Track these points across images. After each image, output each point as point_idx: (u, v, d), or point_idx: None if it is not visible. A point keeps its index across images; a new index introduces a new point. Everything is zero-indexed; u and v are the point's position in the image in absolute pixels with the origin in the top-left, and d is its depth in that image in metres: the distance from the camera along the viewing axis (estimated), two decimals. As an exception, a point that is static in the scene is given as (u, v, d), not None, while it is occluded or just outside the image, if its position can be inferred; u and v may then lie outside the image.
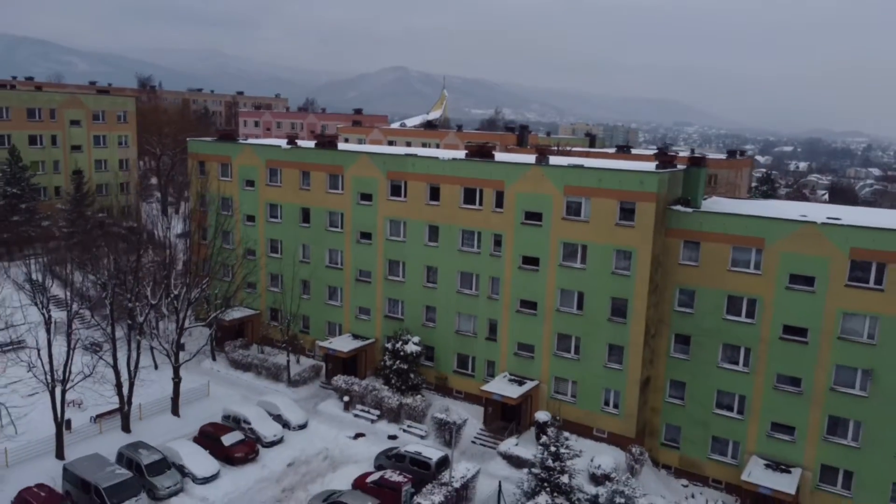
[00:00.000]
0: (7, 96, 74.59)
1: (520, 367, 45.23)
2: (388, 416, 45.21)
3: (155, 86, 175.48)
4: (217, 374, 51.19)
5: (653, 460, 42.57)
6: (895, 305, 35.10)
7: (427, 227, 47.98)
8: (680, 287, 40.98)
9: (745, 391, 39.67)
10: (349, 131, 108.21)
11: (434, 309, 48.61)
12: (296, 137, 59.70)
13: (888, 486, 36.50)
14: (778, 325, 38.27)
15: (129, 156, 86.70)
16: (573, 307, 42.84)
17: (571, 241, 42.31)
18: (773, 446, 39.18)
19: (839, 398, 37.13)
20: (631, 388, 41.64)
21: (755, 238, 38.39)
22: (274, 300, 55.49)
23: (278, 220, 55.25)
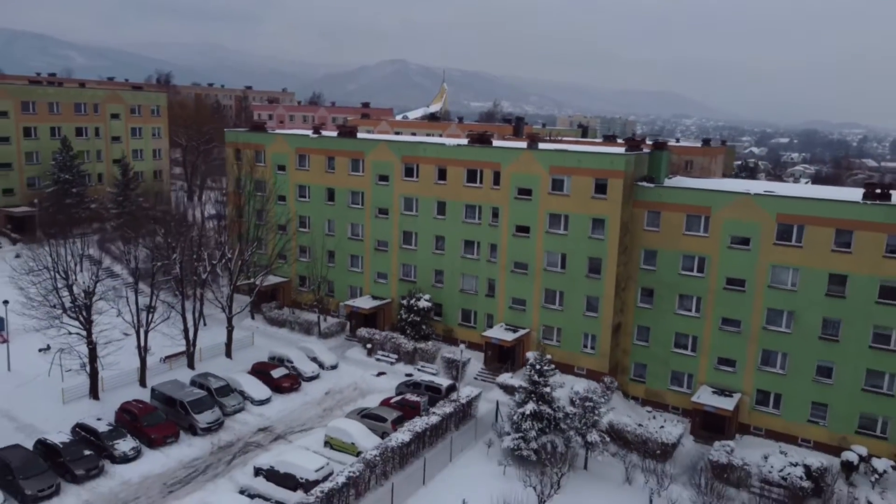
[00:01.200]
0: (57, 93, 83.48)
1: (514, 318, 54.34)
2: (404, 359, 54.33)
3: (172, 82, 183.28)
4: (257, 329, 60.13)
5: (623, 393, 51.67)
6: (811, 259, 44.15)
7: (436, 202, 56.99)
8: (644, 248, 50.01)
9: (696, 333, 48.75)
10: (358, 123, 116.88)
11: (442, 272, 57.70)
12: (320, 128, 68.60)
13: (808, 405, 45.62)
14: (722, 277, 47.33)
15: (161, 146, 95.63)
16: (557, 267, 51.91)
17: (556, 212, 51.33)
18: (719, 377, 48.31)
19: (770, 335, 46.22)
20: (605, 333, 50.76)
21: (703, 207, 47.42)
22: (303, 269, 64.55)
23: (307, 200, 64.23)
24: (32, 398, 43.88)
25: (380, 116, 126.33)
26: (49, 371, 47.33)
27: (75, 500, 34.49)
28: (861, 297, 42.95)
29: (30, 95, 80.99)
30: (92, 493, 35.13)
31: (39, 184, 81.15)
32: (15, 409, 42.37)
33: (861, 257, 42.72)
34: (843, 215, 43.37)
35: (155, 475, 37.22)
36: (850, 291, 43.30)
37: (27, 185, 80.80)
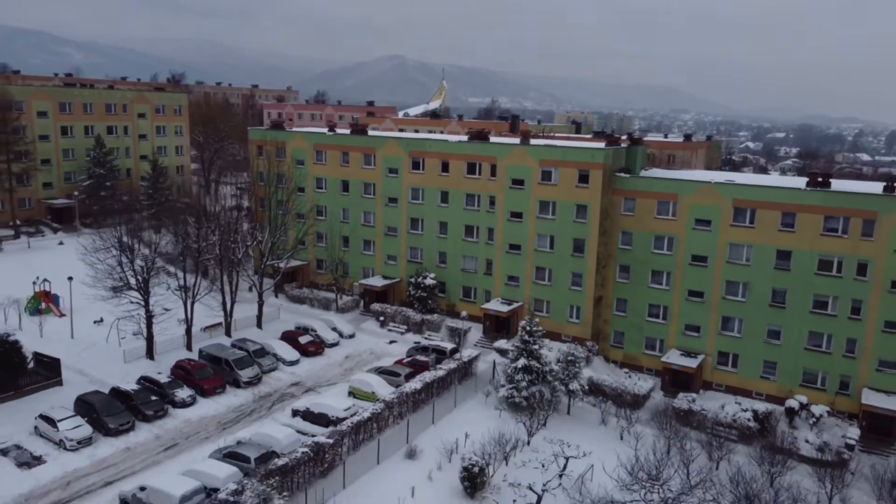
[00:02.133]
0: (91, 94, 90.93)
1: (509, 293, 61.92)
2: (413, 330, 61.91)
3: (184, 82, 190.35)
4: (280, 306, 67.60)
5: (605, 357, 59.26)
6: (762, 237, 51.69)
7: (440, 192, 64.50)
8: (622, 230, 57.53)
9: (666, 303, 56.31)
10: (364, 121, 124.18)
11: (445, 253, 65.25)
12: (335, 126, 76.01)
13: (761, 363, 53.21)
14: (688, 254, 54.87)
15: (182, 143, 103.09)
16: (547, 247, 59.46)
17: (545, 199, 58.86)
18: (685, 341, 55.88)
19: (728, 304, 53.80)
20: (588, 304, 58.33)
21: (672, 194, 54.93)
22: (321, 253, 72.04)
23: (324, 191, 71.73)
24: (97, 359, 51.40)
25: (384, 114, 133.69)
26: (107, 338, 54.86)
27: (147, 434, 42.07)
28: (803, 270, 50.56)
29: (66, 97, 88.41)
30: (161, 429, 42.72)
31: (75, 178, 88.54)
32: (85, 367, 49.88)
33: (803, 235, 50.31)
34: (788, 200, 50.93)
35: (209, 416, 44.83)
36: (793, 265, 50.90)
37: (64, 179, 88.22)
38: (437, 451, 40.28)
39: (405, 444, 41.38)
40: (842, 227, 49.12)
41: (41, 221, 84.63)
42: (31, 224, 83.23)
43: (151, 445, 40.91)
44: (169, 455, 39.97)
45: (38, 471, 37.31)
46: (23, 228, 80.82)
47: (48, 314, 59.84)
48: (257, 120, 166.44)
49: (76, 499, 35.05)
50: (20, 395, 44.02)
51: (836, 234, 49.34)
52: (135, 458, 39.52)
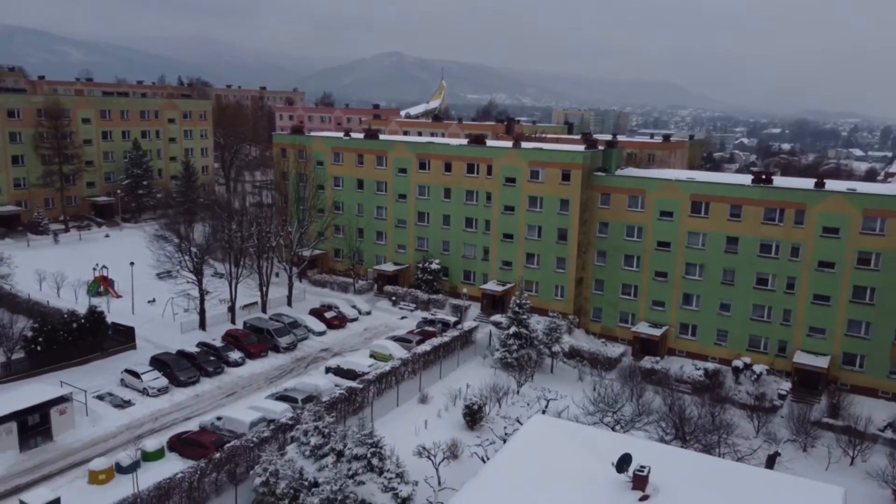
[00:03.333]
0: (128, 102, 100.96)
1: (503, 276, 71.95)
2: (420, 307, 71.94)
3: (198, 84, 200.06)
4: (305, 289, 77.43)
5: (585, 330, 69.26)
6: (714, 226, 61.64)
7: (443, 189, 74.48)
8: (599, 221, 67.50)
9: (637, 283, 66.31)
10: (372, 122, 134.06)
11: (448, 242, 75.25)
12: (349, 131, 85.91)
13: (714, 332, 63.21)
14: (654, 241, 64.84)
15: (207, 145, 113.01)
16: (535, 236, 69.47)
17: (533, 195, 68.84)
18: (653, 315, 65.91)
19: (687, 282, 63.81)
20: (570, 284, 68.36)
21: (640, 190, 64.88)
22: (338, 243, 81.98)
23: (341, 188, 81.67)
24: (158, 330, 61.38)
25: (388, 116, 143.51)
26: (163, 313, 64.88)
27: (210, 385, 52.14)
28: (747, 253, 60.58)
29: (106, 105, 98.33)
30: (220, 381, 52.79)
31: (114, 178, 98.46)
32: (150, 336, 59.85)
33: (747, 224, 60.31)
34: (735, 194, 60.94)
35: (258, 373, 54.88)
36: (740, 249, 60.90)
37: (105, 178, 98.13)
38: (444, 397, 50.39)
39: (418, 392, 51.53)
40: (778, 217, 59.11)
41: (86, 217, 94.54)
42: (77, 219, 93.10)
43: (215, 393, 51.02)
44: (229, 400, 50.02)
45: (130, 410, 47.38)
46: (71, 223, 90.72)
47: (106, 295, 69.82)
48: (267, 121, 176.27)
49: (165, 428, 45.12)
50: (105, 355, 54.08)
51: (773, 222, 59.33)
52: (203, 402, 49.63)
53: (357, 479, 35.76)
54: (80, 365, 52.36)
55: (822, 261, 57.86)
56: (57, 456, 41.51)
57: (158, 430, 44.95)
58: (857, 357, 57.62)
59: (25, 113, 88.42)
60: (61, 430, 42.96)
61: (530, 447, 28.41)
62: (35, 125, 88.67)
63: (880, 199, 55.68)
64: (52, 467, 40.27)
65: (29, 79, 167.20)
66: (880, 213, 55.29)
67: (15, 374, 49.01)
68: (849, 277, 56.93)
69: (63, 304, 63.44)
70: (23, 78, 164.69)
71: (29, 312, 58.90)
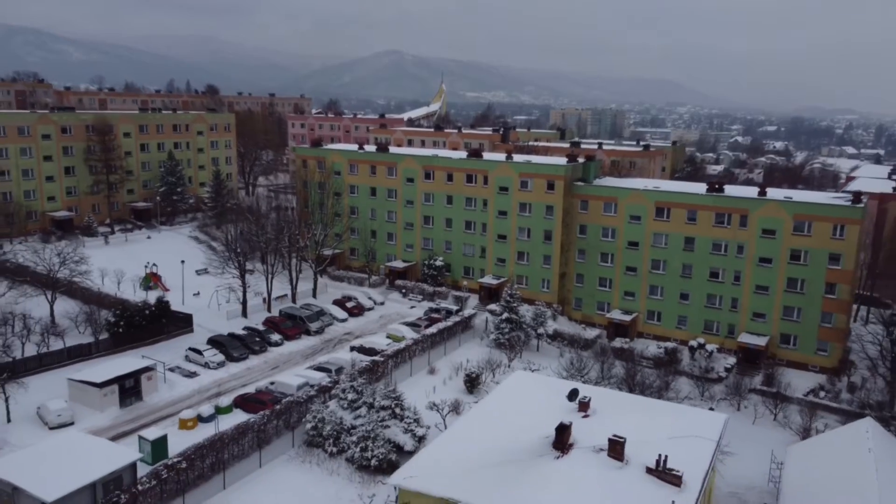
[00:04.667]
0: (164, 117, 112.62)
1: (498, 271, 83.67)
2: (427, 299, 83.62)
3: (210, 92, 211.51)
4: (326, 283, 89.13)
5: (568, 317, 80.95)
6: (675, 228, 73.25)
7: (446, 196, 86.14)
8: (579, 224, 79.13)
9: (611, 276, 77.97)
10: (378, 132, 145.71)
11: (450, 242, 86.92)
12: (364, 144, 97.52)
13: (675, 317, 74.91)
14: (625, 241, 76.50)
15: (231, 154, 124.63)
16: (525, 237, 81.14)
17: (524, 202, 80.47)
18: (625, 303, 77.60)
19: (653, 276, 75.48)
20: (555, 278, 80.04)
21: (613, 197, 76.52)
22: (353, 243, 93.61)
23: (356, 195, 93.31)
24: (207, 317, 72.99)
25: (393, 125, 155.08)
26: (209, 304, 76.52)
27: (257, 360, 63.85)
28: (702, 250, 72.23)
29: (144, 120, 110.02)
30: (265, 358, 64.49)
31: (151, 185, 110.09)
32: (201, 322, 71.49)
33: (701, 226, 71.95)
34: (691, 201, 72.60)
35: (294, 351, 66.62)
36: (696, 247, 72.56)
37: (142, 186, 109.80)
38: (449, 369, 62.16)
39: (427, 365, 63.31)
40: (726, 221, 70.77)
41: (128, 220, 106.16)
42: (119, 223, 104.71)
43: (262, 366, 62.80)
44: (274, 372, 61.70)
45: (197, 379, 59.10)
46: (116, 227, 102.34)
47: (156, 289, 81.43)
48: (278, 127, 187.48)
49: (227, 391, 56.84)
50: (169, 337, 65.83)
51: (722, 225, 71.01)
52: (253, 373, 61.38)
53: (384, 424, 47.54)
54: (151, 344, 64.10)
55: (762, 257, 69.55)
56: (147, 412, 53.26)
57: (222, 394, 56.67)
58: (791, 337, 69.40)
59: (76, 129, 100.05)
60: (148, 393, 54.70)
61: (512, 390, 40.12)
62: (85, 140, 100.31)
63: (807, 206, 67.41)
64: (144, 420, 52.00)
65: (56, 90, 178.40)
66: (807, 218, 66.99)
67: (103, 350, 60.74)
68: (783, 271, 68.66)
69: (124, 295, 75.03)
70: (51, 88, 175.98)
71: (100, 302, 70.41)
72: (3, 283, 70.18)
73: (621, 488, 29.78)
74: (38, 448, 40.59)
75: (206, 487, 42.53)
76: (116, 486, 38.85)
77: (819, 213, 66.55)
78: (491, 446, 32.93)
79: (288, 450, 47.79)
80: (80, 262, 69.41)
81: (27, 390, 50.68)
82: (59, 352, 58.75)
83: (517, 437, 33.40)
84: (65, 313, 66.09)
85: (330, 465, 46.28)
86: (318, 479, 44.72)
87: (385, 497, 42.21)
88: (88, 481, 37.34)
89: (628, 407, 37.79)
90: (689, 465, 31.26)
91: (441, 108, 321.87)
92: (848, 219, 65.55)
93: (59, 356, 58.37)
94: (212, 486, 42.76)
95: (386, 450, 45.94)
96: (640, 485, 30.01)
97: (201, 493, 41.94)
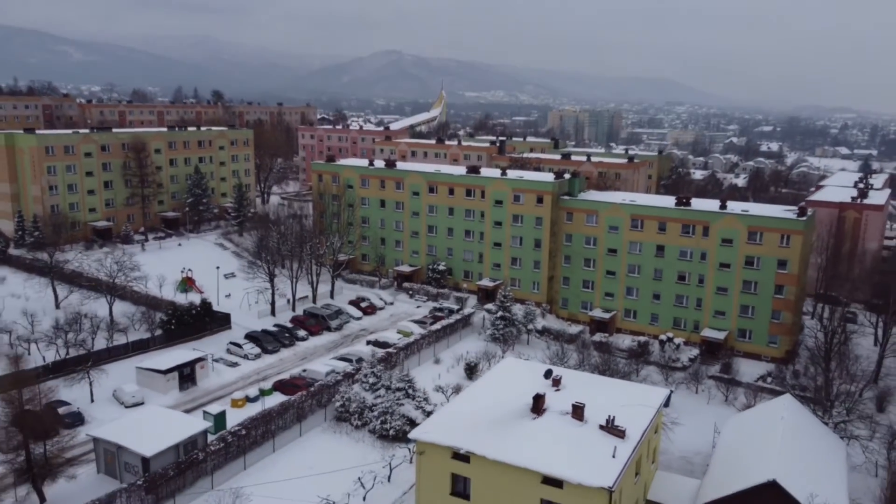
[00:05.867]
0: (191, 134, 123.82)
1: (494, 274, 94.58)
2: (431, 299, 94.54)
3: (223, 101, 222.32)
4: (341, 286, 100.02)
5: (556, 315, 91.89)
6: (648, 237, 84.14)
7: (447, 208, 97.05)
8: (565, 233, 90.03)
9: (593, 279, 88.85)
10: (383, 144, 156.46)
11: (451, 249, 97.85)
12: (371, 153, 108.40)
13: (649, 315, 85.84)
14: (605, 248, 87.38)
15: (249, 167, 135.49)
16: (517, 244, 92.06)
17: (516, 213, 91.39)
18: (605, 303, 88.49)
19: (630, 278, 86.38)
20: (544, 281, 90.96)
21: (594, 210, 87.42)
22: (365, 250, 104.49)
23: (367, 206, 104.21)
24: (241, 316, 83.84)
25: (397, 136, 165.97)
26: (240, 305, 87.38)
27: (288, 353, 74.75)
28: (671, 257, 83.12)
29: (173, 137, 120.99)
30: (294, 350, 75.41)
31: (178, 197, 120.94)
32: (237, 320, 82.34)
33: (670, 236, 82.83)
34: (661, 214, 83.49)
35: (318, 345, 77.54)
36: (666, 254, 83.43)
37: (171, 197, 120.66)
38: (451, 359, 73.02)
39: (433, 356, 74.23)
40: (691, 231, 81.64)
41: (159, 228, 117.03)
42: (151, 231, 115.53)
43: (292, 358, 73.73)
44: (303, 362, 72.58)
45: (238, 368, 69.99)
46: (149, 235, 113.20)
47: (191, 291, 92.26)
48: (287, 137, 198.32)
49: (265, 378, 67.74)
50: (212, 333, 76.75)
51: (688, 235, 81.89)
52: (285, 363, 72.28)
53: (399, 402, 58.42)
54: (197, 339, 75.02)
55: (721, 263, 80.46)
56: (202, 394, 64.21)
57: (261, 380, 67.59)
58: (746, 331, 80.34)
59: (114, 147, 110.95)
60: (201, 379, 65.65)
61: (502, 372, 50.99)
62: (122, 157, 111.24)
63: (758, 219, 78.32)
64: (199, 401, 62.90)
65: (80, 102, 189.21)
66: (759, 229, 77.89)
67: (159, 344, 71.68)
68: (740, 274, 79.56)
69: (165, 297, 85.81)
70: (76, 102, 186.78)
71: (148, 303, 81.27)
72: (65, 287, 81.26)
73: (580, 440, 40.48)
74: (131, 418, 51.65)
75: (259, 450, 53.44)
76: (193, 447, 49.75)
77: (769, 225, 77.47)
78: (484, 411, 43.65)
79: (321, 423, 58.72)
80: (133, 269, 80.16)
81: (108, 376, 61.68)
82: (125, 345, 69.73)
83: (504, 405, 44.12)
84: (121, 313, 77.01)
85: (356, 435, 57.19)
86: (347, 445, 55.62)
87: (402, 458, 53.15)
88: (174, 442, 48.28)
89: (591, 384, 48.62)
90: (631, 424, 41.97)
91: (441, 114, 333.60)
92: (793, 230, 76.50)
93: (125, 349, 69.33)
94: (264, 449, 53.68)
95: (401, 423, 56.81)
96: (594, 437, 40.73)
97: (256, 454, 52.88)
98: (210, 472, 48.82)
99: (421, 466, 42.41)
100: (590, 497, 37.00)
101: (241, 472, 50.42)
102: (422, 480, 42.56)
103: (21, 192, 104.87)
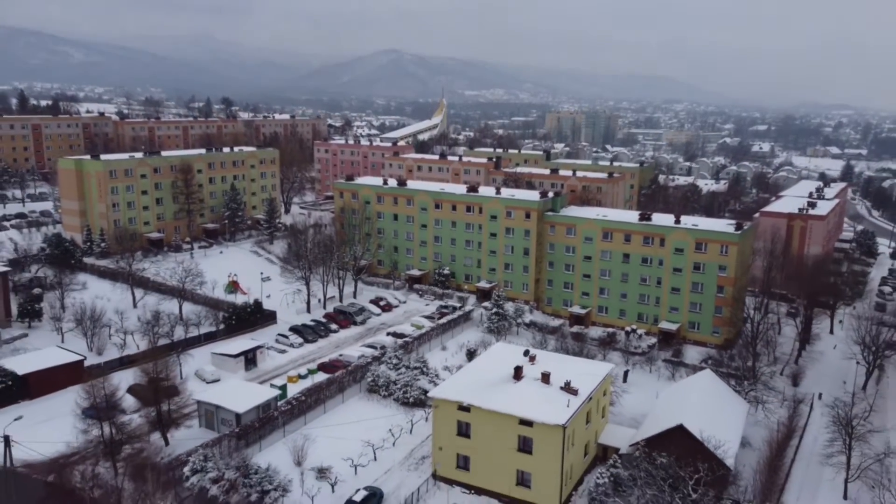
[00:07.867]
0: (227, 156, 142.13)
1: (490, 277, 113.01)
2: (438, 298, 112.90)
3: (230, 108, 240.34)
4: (361, 287, 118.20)
5: (542, 311, 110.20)
6: (616, 247, 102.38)
7: (451, 221, 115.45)
8: (549, 243, 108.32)
9: (572, 281, 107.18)
10: (391, 159, 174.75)
11: (454, 255, 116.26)
12: (387, 180, 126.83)
13: (618, 310, 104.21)
14: (582, 255, 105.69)
15: (275, 182, 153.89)
16: (510, 252, 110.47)
17: (508, 227, 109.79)
18: (582, 301, 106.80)
19: (602, 281, 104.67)
20: (532, 282, 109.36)
21: (573, 224, 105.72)
22: (380, 256, 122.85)
23: (382, 219, 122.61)
24: (282, 313, 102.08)
25: (404, 152, 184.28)
26: (280, 304, 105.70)
27: (324, 342, 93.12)
28: (635, 263, 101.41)
29: (212, 159, 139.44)
30: (328, 341, 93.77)
31: (216, 210, 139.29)
32: (280, 317, 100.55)
33: (634, 245, 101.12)
34: (627, 227, 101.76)
35: (348, 336, 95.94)
36: (630, 260, 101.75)
37: (211, 211, 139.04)
38: (455, 346, 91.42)
39: (440, 344, 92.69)
40: (651, 241, 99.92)
41: (201, 239, 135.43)
42: (195, 241, 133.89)
43: (328, 346, 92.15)
44: (338, 350, 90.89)
45: (287, 354, 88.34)
46: (194, 244, 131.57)
47: (236, 292, 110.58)
48: (300, 147, 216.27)
49: (309, 362, 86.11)
50: (260, 327, 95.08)
51: (649, 244, 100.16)
52: (323, 350, 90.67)
53: (416, 378, 76.80)
54: (252, 331, 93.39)
55: (675, 267, 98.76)
56: (261, 374, 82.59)
57: (307, 363, 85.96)
58: (695, 323, 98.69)
59: (164, 169, 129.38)
60: (261, 362, 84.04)
61: (494, 353, 69.47)
62: (171, 177, 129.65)
63: (703, 232, 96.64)
64: (260, 378, 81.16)
65: (114, 120, 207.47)
66: (704, 240, 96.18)
67: (223, 335, 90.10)
68: (689, 277, 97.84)
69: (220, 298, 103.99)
70: (110, 120, 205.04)
71: (207, 303, 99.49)
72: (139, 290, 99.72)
73: (546, 396, 58.70)
74: (221, 386, 70.07)
75: (313, 413, 71.80)
76: (267, 409, 68.13)
77: (711, 237, 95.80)
78: (480, 379, 62.01)
79: (357, 394, 77.18)
80: (197, 275, 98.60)
81: (193, 358, 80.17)
82: (198, 336, 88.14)
83: (494, 374, 62.45)
84: (188, 311, 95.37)
85: (384, 402, 75.56)
86: (377, 409, 74.02)
87: (420, 417, 71.57)
88: (256, 403, 66.69)
89: (558, 360, 67.00)
90: (583, 386, 60.26)
91: (442, 122, 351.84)
92: (731, 241, 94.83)
93: (198, 339, 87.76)
94: (317, 412, 72.09)
95: (418, 393, 75.16)
96: (555, 394, 58.97)
97: (312, 415, 71.28)
98: (282, 425, 67.26)
99: (436, 416, 60.88)
100: (550, 432, 55.46)
101: (303, 426, 68.88)
102: (437, 426, 61.03)
103: (88, 209, 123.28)
